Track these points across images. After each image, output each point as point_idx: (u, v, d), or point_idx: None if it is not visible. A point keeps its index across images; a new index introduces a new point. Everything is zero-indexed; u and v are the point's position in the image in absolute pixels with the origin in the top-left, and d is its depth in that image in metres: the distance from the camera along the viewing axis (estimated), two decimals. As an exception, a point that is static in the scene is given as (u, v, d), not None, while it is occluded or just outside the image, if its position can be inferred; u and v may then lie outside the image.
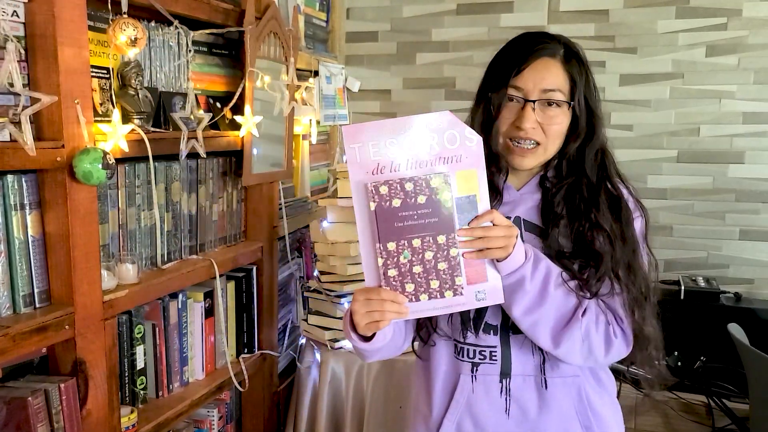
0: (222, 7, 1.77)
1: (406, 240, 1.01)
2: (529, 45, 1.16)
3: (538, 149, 1.15)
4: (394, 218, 1.01)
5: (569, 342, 1.09)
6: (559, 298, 1.09)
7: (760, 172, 2.74)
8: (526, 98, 1.13)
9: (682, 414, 2.54)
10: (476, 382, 1.19)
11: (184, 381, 1.78)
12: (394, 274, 1.02)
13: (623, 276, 1.12)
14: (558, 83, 1.13)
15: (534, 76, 1.13)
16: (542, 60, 1.14)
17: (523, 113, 1.13)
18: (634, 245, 1.14)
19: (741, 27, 2.68)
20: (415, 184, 1.00)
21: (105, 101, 1.48)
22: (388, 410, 2.09)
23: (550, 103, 1.13)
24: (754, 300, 2.69)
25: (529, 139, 1.14)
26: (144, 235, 1.62)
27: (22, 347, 1.21)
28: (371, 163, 1.01)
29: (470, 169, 1.02)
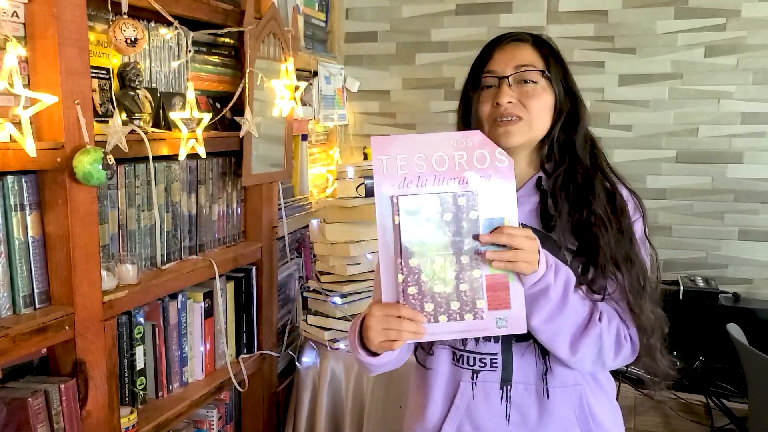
0: (221, 7, 1.77)
1: (429, 258, 0.99)
2: (496, 39, 1.20)
3: (521, 123, 1.14)
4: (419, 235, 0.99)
5: (585, 348, 1.09)
6: (577, 304, 1.08)
7: (758, 173, 2.74)
8: (500, 76, 1.15)
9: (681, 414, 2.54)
10: (476, 389, 1.18)
11: (184, 381, 1.78)
12: (414, 291, 1.00)
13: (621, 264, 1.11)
14: (530, 59, 1.16)
15: (504, 57, 1.16)
16: (511, 43, 1.18)
17: (500, 90, 1.14)
18: (630, 234, 1.14)
19: (740, 27, 2.68)
20: (442, 200, 0.99)
21: (105, 102, 1.48)
22: (387, 410, 2.09)
23: (526, 81, 1.15)
24: (753, 300, 2.69)
25: (510, 115, 1.13)
26: (144, 235, 1.62)
27: (23, 348, 1.21)
28: (398, 177, 1.00)
29: (500, 190, 1.01)
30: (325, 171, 2.87)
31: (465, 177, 1.01)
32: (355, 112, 3.12)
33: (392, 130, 3.10)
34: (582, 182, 1.16)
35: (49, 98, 1.20)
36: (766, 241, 2.77)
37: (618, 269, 1.11)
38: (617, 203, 1.16)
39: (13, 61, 1.15)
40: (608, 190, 1.17)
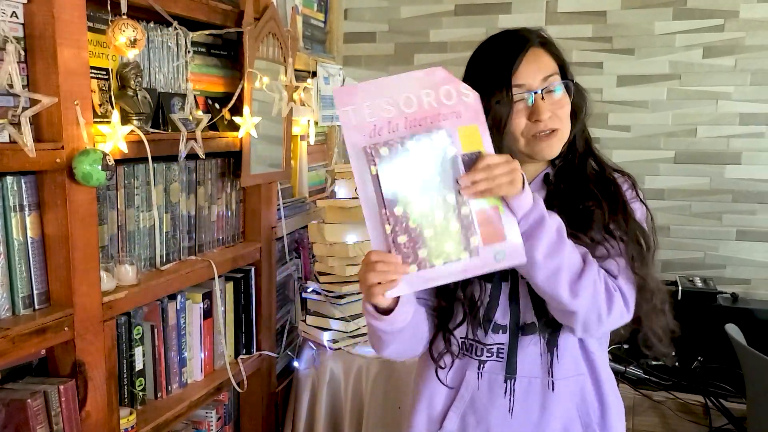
0: (221, 7, 1.77)
1: (413, 203, 0.95)
2: (514, 43, 1.14)
3: (559, 134, 1.14)
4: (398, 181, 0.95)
5: (584, 291, 1.06)
6: (572, 245, 1.08)
7: (756, 173, 2.75)
8: (532, 90, 1.12)
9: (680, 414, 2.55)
10: (481, 379, 1.20)
11: (183, 382, 1.78)
12: (404, 240, 0.95)
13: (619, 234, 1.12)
14: (552, 67, 1.15)
15: (530, 69, 1.12)
16: (530, 51, 1.13)
17: (536, 106, 1.11)
18: (624, 201, 1.16)
19: (738, 28, 2.68)
20: (417, 141, 0.95)
21: (104, 102, 1.48)
22: (386, 411, 2.09)
23: (551, 90, 1.13)
24: (751, 300, 2.70)
25: (549, 129, 1.13)
26: (143, 236, 1.61)
27: (22, 349, 1.21)
28: (368, 125, 0.95)
29: (471, 125, 0.97)
30: (324, 171, 2.87)
31: (436, 115, 0.96)
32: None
33: (391, 130, 3.10)
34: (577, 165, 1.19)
35: (49, 99, 1.20)
36: (763, 241, 2.78)
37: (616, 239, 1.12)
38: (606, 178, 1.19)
39: (12, 61, 1.15)
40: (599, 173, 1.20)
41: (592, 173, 1.19)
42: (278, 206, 2.20)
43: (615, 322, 1.12)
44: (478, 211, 0.97)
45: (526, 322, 1.18)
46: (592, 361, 1.21)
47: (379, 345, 1.16)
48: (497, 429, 1.20)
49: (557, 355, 1.17)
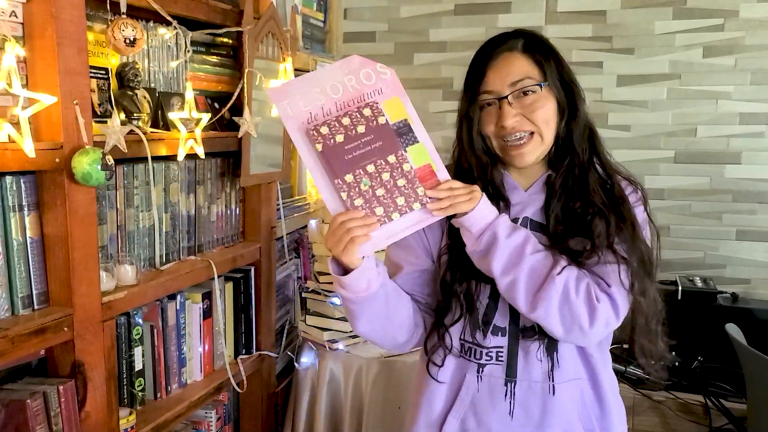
0: (220, 7, 1.77)
1: (361, 168, 1.07)
2: (487, 49, 1.18)
3: (533, 139, 1.15)
4: (343, 152, 1.07)
5: (546, 303, 1.08)
6: (536, 261, 1.11)
7: (756, 173, 2.75)
8: (499, 97, 1.14)
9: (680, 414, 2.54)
10: (481, 382, 1.19)
11: (183, 382, 1.78)
12: (360, 202, 1.07)
13: (621, 249, 1.12)
14: (524, 71, 1.15)
15: (498, 74, 1.15)
16: (502, 57, 1.16)
17: (501, 111, 1.14)
18: (632, 219, 1.15)
19: (738, 28, 2.68)
20: (351, 117, 1.08)
21: (104, 102, 1.47)
22: (386, 411, 2.09)
23: (525, 92, 1.14)
24: (751, 300, 2.70)
25: (518, 132, 1.14)
26: (142, 236, 1.61)
27: (21, 349, 1.20)
28: (304, 114, 1.08)
29: (393, 97, 1.11)
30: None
31: (360, 96, 1.10)
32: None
33: (390, 130, 3.10)
34: (578, 175, 1.17)
35: (48, 98, 1.20)
36: (763, 241, 2.78)
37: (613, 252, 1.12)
38: (615, 192, 1.17)
39: (11, 61, 1.15)
40: (604, 180, 1.18)
41: (599, 181, 1.18)
42: (278, 206, 2.20)
43: (601, 331, 1.12)
44: (417, 169, 1.09)
45: (526, 326, 1.17)
46: (591, 364, 1.20)
47: (350, 317, 1.19)
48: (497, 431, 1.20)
49: (557, 359, 1.17)
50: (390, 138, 1.08)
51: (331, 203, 1.08)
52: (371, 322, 1.18)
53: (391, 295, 1.17)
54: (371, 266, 1.11)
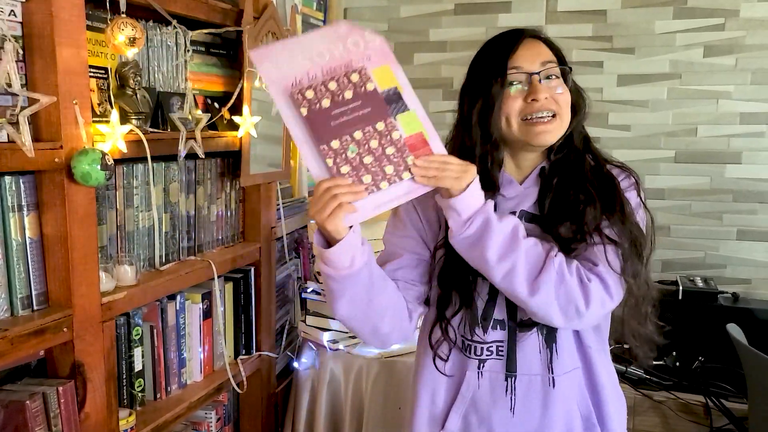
0: (220, 6, 1.76)
1: (348, 135, 1.02)
2: (512, 34, 1.19)
3: (555, 120, 1.14)
4: (329, 118, 1.02)
5: (545, 287, 1.07)
6: (530, 245, 1.10)
7: (757, 173, 2.74)
8: (530, 72, 1.14)
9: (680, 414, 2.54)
10: (482, 378, 1.20)
11: (182, 383, 1.77)
12: (347, 170, 1.02)
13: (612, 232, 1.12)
14: (550, 56, 1.17)
15: (529, 53, 1.15)
16: (529, 40, 1.17)
17: (533, 87, 1.13)
18: (621, 201, 1.15)
19: (738, 27, 2.68)
20: (338, 82, 1.03)
21: (103, 101, 1.47)
22: (387, 411, 2.09)
23: (549, 76, 1.15)
24: (752, 300, 2.69)
25: (546, 110, 1.13)
26: (142, 236, 1.61)
27: (21, 350, 1.20)
28: (289, 77, 1.03)
29: (383, 65, 1.06)
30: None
31: (348, 61, 1.05)
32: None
33: (390, 130, 3.09)
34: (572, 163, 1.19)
35: (47, 98, 1.19)
36: (764, 241, 2.77)
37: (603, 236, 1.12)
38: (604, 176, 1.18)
39: (10, 60, 1.14)
40: (595, 168, 1.19)
41: (589, 169, 1.19)
42: (278, 206, 2.19)
43: (597, 311, 1.12)
44: (407, 137, 1.05)
45: (523, 319, 1.17)
46: (587, 354, 1.21)
47: (331, 298, 1.13)
48: (500, 428, 1.20)
49: (556, 351, 1.17)
50: (379, 105, 1.04)
51: (315, 170, 1.04)
52: (352, 303, 1.12)
53: (375, 277, 1.12)
54: (356, 243, 1.06)
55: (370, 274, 1.11)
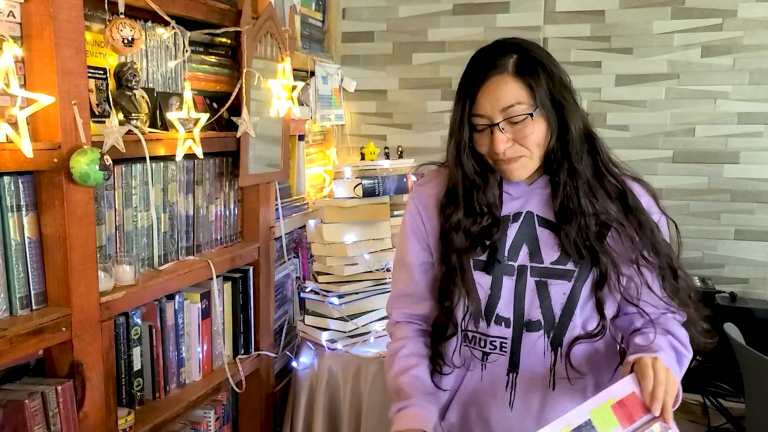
0: (218, 7, 1.77)
1: None
2: (477, 68, 1.15)
3: (522, 159, 1.16)
4: None
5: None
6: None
7: (754, 173, 2.75)
8: (491, 123, 1.13)
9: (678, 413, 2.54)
10: (485, 370, 1.21)
11: (181, 382, 1.78)
12: None
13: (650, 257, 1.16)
14: (515, 97, 1.12)
15: (489, 99, 1.13)
16: (492, 80, 1.13)
17: (493, 137, 1.14)
18: (650, 226, 1.17)
19: (736, 28, 2.68)
20: None
21: (102, 102, 1.47)
22: (385, 411, 2.08)
23: (516, 121, 1.12)
24: (750, 299, 2.70)
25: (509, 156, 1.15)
26: (141, 236, 1.61)
27: (19, 350, 1.20)
28: None
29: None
30: (322, 171, 2.87)
31: None
32: (352, 112, 3.12)
33: (389, 129, 3.10)
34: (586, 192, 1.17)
35: (46, 98, 1.20)
36: (762, 240, 2.78)
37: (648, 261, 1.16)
38: (629, 202, 1.18)
39: (9, 61, 1.15)
40: (618, 191, 1.19)
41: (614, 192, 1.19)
42: (276, 206, 2.20)
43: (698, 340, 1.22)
44: None
45: (531, 319, 1.19)
46: (597, 362, 1.21)
47: None
48: (496, 422, 1.21)
49: (561, 354, 1.18)
50: None
51: None
52: None
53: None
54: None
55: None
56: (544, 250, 1.19)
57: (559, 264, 1.18)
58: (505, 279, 1.19)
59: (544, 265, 1.19)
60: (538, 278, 1.19)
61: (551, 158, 1.19)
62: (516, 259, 1.20)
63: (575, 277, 1.17)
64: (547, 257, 1.19)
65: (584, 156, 1.18)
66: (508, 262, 1.20)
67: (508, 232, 1.21)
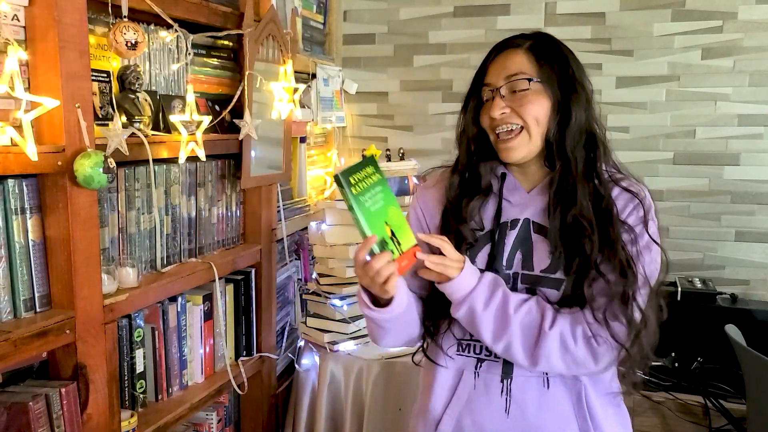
0: (221, 10, 1.77)
1: None
2: (496, 47, 1.22)
3: (521, 135, 1.16)
4: None
5: (545, 358, 1.12)
6: (523, 319, 1.13)
7: (755, 174, 2.75)
8: (493, 89, 1.18)
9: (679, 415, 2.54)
10: (478, 378, 1.20)
11: (184, 384, 1.78)
12: None
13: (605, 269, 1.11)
14: (520, 67, 1.16)
15: (496, 68, 1.19)
16: (504, 53, 1.20)
17: (492, 102, 1.17)
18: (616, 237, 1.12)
19: (736, 30, 2.69)
20: None
21: (105, 105, 1.48)
22: (387, 412, 2.09)
23: (517, 89, 1.16)
24: (750, 301, 2.70)
25: (507, 124, 1.16)
26: (143, 238, 1.62)
27: (24, 352, 1.21)
28: None
29: None
30: (323, 173, 2.87)
31: None
32: (353, 114, 3.12)
33: (390, 131, 3.10)
34: (569, 186, 1.16)
35: (50, 102, 1.20)
36: (762, 242, 2.78)
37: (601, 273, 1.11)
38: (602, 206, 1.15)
39: (13, 64, 1.15)
40: (596, 194, 1.16)
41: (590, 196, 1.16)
42: (278, 208, 2.20)
43: (610, 362, 1.14)
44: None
45: None
46: None
47: (379, 335, 1.24)
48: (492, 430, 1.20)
49: None
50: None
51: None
52: (397, 335, 1.24)
53: (411, 304, 1.21)
54: (402, 285, 1.15)
55: (408, 305, 1.19)
56: (536, 256, 1.18)
57: (549, 272, 1.17)
58: None
59: (534, 273, 1.18)
60: (529, 285, 1.18)
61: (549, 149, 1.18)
62: (511, 267, 1.20)
63: (563, 287, 1.15)
64: (537, 264, 1.18)
65: (578, 148, 1.17)
66: (506, 271, 1.20)
67: (506, 240, 1.20)
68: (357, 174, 1.08)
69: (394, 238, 1.10)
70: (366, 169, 1.10)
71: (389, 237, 1.09)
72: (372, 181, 1.10)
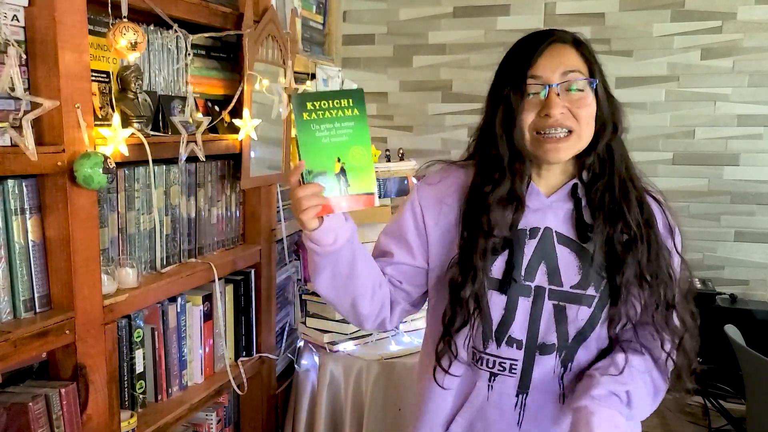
0: (221, 10, 1.77)
1: None
2: (538, 37, 1.11)
3: (571, 137, 1.07)
4: None
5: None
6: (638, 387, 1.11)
7: (754, 174, 2.76)
8: (548, 83, 1.06)
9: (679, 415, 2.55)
10: (492, 391, 1.16)
11: (183, 385, 1.78)
12: None
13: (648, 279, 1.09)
14: (576, 64, 1.08)
15: (551, 62, 1.07)
16: (555, 46, 1.09)
17: (549, 100, 1.06)
18: (658, 246, 1.10)
19: (735, 30, 2.69)
20: None
21: (105, 105, 1.48)
22: (387, 413, 2.09)
23: (571, 88, 1.07)
24: (750, 301, 2.71)
25: (560, 127, 1.06)
26: (143, 238, 1.61)
27: (23, 352, 1.21)
28: None
29: None
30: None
31: None
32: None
33: (390, 132, 3.10)
34: (620, 196, 1.11)
35: (50, 102, 1.20)
36: (761, 242, 2.79)
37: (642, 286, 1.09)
38: (644, 214, 1.12)
39: (13, 65, 1.15)
40: (639, 202, 1.13)
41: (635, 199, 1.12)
42: (278, 208, 2.20)
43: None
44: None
45: (546, 343, 1.13)
46: None
47: (314, 273, 1.15)
48: None
49: (570, 368, 1.14)
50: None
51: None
52: (333, 278, 1.14)
53: (359, 256, 1.13)
54: (338, 223, 1.09)
55: (353, 251, 1.12)
56: (564, 271, 1.12)
57: (580, 288, 1.11)
58: (521, 300, 1.12)
59: (563, 289, 1.11)
60: (557, 302, 1.12)
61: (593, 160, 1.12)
62: (533, 280, 1.12)
63: (595, 304, 1.11)
64: (567, 280, 1.11)
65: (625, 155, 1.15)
66: (525, 282, 1.12)
67: (525, 249, 1.13)
68: (320, 102, 1.03)
69: (342, 176, 1.05)
70: (341, 101, 1.04)
71: (335, 173, 1.05)
72: (340, 114, 1.04)
